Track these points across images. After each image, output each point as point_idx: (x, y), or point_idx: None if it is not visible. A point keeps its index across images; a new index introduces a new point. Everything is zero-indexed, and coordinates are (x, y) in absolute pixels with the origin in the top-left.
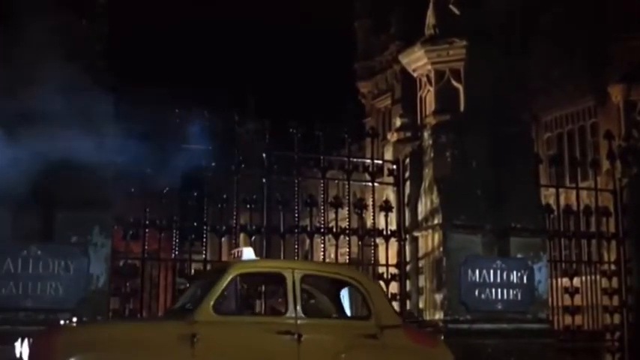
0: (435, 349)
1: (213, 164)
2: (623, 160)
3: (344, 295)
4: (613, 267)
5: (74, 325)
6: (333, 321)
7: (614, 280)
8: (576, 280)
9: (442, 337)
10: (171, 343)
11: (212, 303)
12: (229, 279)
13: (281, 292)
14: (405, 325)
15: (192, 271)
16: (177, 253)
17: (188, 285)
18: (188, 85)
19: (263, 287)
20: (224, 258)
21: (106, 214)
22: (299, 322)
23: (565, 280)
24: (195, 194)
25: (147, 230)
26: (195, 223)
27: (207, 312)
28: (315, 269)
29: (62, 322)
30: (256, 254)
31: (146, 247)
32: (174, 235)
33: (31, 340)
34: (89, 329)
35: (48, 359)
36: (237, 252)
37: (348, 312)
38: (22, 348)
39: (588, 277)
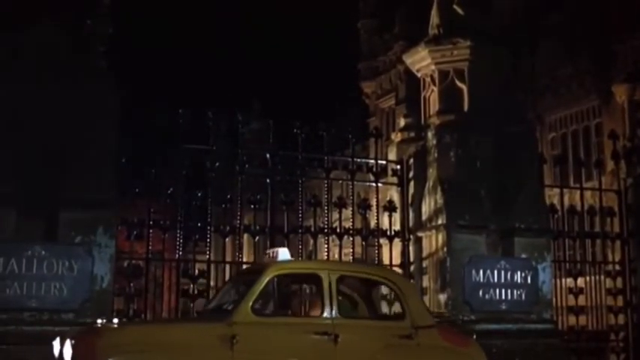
0: (467, 349)
1: (217, 164)
2: (628, 160)
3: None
4: (617, 267)
5: (114, 326)
6: (368, 321)
7: (619, 281)
8: (580, 281)
9: (474, 337)
10: (210, 344)
11: (250, 304)
12: (267, 280)
13: (317, 292)
14: (438, 326)
15: (196, 271)
16: (181, 253)
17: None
18: (193, 86)
19: (299, 288)
20: (228, 258)
21: (110, 215)
22: (335, 322)
23: (569, 281)
24: (199, 194)
25: (151, 230)
26: (199, 224)
27: (246, 313)
28: (351, 270)
29: (100, 322)
30: (259, 255)
31: (150, 248)
32: (178, 235)
33: (73, 340)
34: (129, 330)
35: (88, 358)
36: (273, 252)
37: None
38: (63, 348)
39: (592, 278)
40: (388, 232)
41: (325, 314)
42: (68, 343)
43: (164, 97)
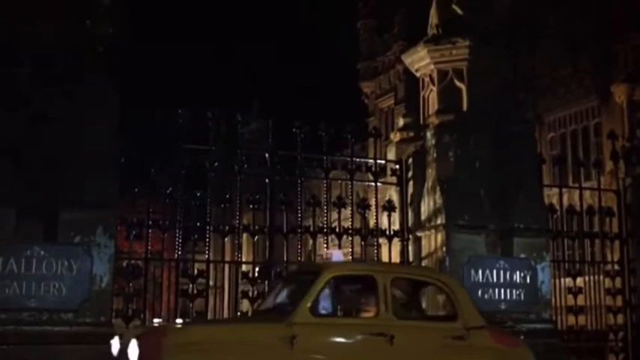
0: (517, 350)
1: (216, 164)
2: (627, 160)
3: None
4: (616, 267)
5: (179, 326)
6: (422, 322)
7: (618, 280)
8: (579, 281)
9: (522, 338)
10: (271, 344)
11: (309, 305)
12: (324, 281)
13: (372, 294)
14: (488, 327)
15: (195, 271)
16: (180, 253)
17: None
18: (193, 86)
19: (354, 289)
20: (227, 258)
21: (109, 215)
22: (391, 323)
23: (568, 280)
24: (199, 194)
25: (150, 230)
26: (198, 223)
27: (305, 314)
28: (405, 272)
29: (158, 321)
30: (258, 254)
31: (149, 248)
32: (177, 235)
33: (138, 340)
34: (193, 330)
35: (155, 357)
36: (327, 254)
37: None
38: (128, 348)
39: (591, 277)
40: (387, 232)
41: (381, 315)
42: (134, 343)
43: (164, 97)
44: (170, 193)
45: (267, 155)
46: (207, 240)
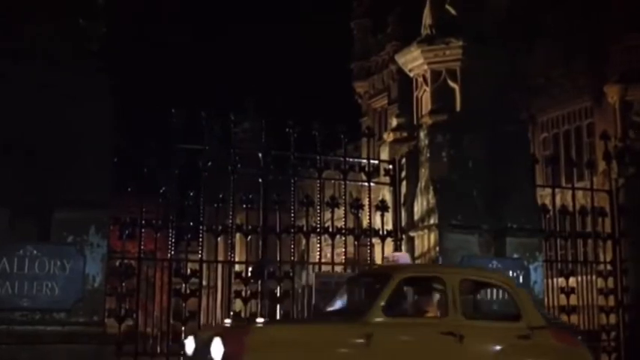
0: (577, 349)
1: (209, 164)
2: (619, 160)
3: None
4: (609, 267)
5: (261, 325)
6: (489, 322)
7: (610, 280)
8: (572, 280)
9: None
10: (349, 343)
11: (382, 305)
12: (396, 283)
13: (441, 295)
14: (548, 326)
15: (188, 271)
16: (173, 252)
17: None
18: (187, 86)
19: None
20: (220, 258)
21: (102, 214)
22: (460, 323)
23: (561, 280)
24: (192, 194)
25: (143, 230)
26: (191, 223)
27: (379, 314)
28: (471, 274)
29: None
30: (251, 254)
31: (142, 247)
32: (170, 234)
33: (222, 338)
34: (274, 329)
35: (239, 356)
36: (392, 257)
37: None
38: (210, 346)
39: (584, 277)
40: (380, 232)
41: (450, 315)
42: (218, 341)
43: (158, 96)
44: (163, 193)
45: (260, 155)
46: (201, 240)
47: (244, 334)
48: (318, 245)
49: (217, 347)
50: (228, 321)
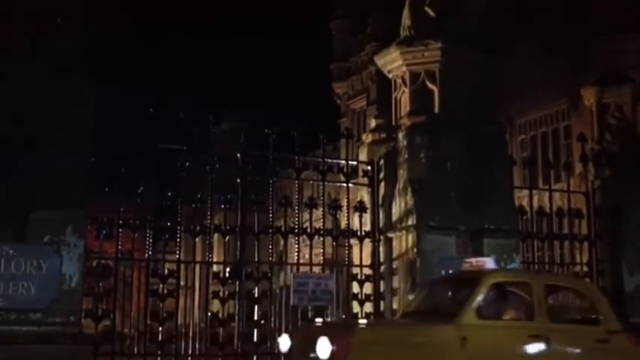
0: None
1: (187, 164)
2: (596, 162)
3: None
4: (585, 268)
5: (364, 326)
6: (571, 326)
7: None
8: None
9: None
10: (446, 344)
11: (475, 308)
12: (486, 287)
13: (528, 299)
14: (625, 330)
15: (166, 271)
16: (150, 253)
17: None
18: (167, 86)
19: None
20: (198, 258)
21: (79, 214)
22: (546, 326)
23: None
24: (170, 194)
25: (120, 230)
26: (169, 223)
27: (471, 316)
28: (555, 280)
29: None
30: (229, 255)
31: (120, 247)
32: (147, 234)
33: (329, 338)
34: (377, 330)
35: (345, 355)
36: (476, 261)
37: None
38: (316, 346)
39: None
40: (359, 233)
41: (536, 318)
42: (325, 340)
43: (137, 96)
44: (141, 193)
45: (239, 155)
46: (178, 240)
47: (350, 335)
48: (297, 246)
49: (324, 346)
50: (319, 320)
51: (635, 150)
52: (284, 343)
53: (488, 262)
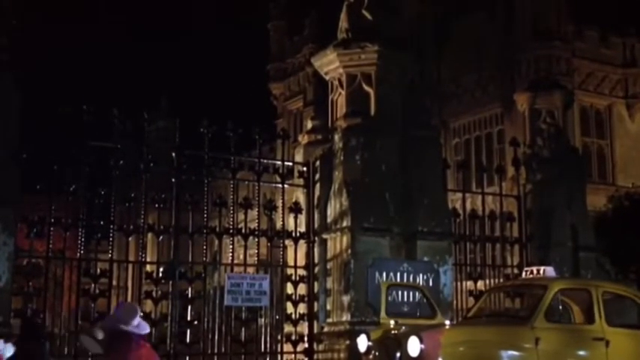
0: None
1: (121, 162)
2: (528, 166)
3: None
4: (516, 270)
5: (451, 327)
6: (627, 330)
7: None
8: (480, 283)
9: None
10: (521, 344)
11: (544, 311)
12: (554, 293)
13: (589, 304)
14: None
15: (98, 270)
16: (82, 252)
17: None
18: (100, 83)
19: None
20: (131, 258)
21: (9, 212)
22: (605, 330)
23: (470, 283)
24: (103, 192)
25: (52, 228)
26: (101, 222)
27: (542, 319)
28: (612, 287)
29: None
30: (163, 255)
31: (51, 246)
32: (79, 233)
33: (419, 338)
34: (461, 330)
35: (435, 353)
36: (536, 269)
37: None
38: (407, 345)
39: (492, 281)
40: (293, 234)
41: (596, 323)
42: (415, 340)
43: (69, 93)
44: (73, 191)
45: (173, 154)
46: (111, 239)
47: (440, 334)
48: (231, 246)
49: (414, 345)
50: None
51: (565, 155)
52: (362, 342)
53: (549, 271)
